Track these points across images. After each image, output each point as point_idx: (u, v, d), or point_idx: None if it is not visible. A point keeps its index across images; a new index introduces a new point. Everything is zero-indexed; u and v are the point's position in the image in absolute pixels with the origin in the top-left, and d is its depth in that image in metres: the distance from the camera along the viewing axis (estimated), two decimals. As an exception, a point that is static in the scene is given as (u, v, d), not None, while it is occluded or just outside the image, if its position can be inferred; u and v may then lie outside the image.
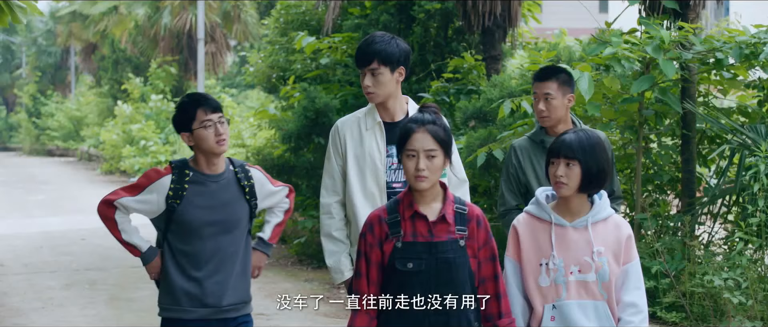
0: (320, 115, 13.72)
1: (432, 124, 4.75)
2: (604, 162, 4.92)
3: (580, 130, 5.00)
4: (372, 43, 5.86)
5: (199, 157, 5.69)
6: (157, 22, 32.67)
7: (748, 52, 8.48)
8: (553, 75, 6.38)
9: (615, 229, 4.96)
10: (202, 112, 5.60)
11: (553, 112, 6.30)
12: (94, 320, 10.81)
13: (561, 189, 4.91)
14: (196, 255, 5.63)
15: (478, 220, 4.89)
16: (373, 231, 4.83)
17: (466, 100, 11.72)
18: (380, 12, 14.20)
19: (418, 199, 4.80)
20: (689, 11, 9.27)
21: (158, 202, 5.62)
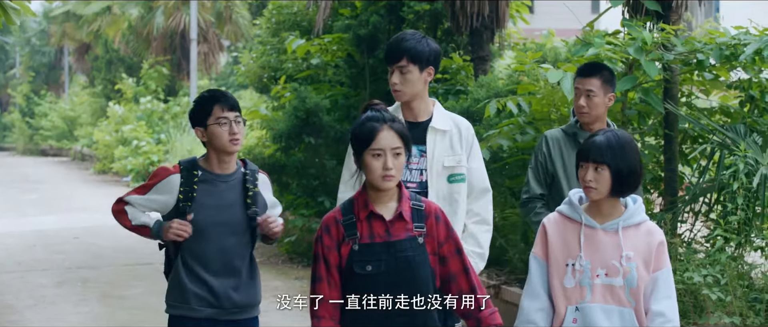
0: (310, 115, 13.88)
1: (393, 122, 4.70)
2: (636, 163, 4.83)
3: (609, 131, 4.88)
4: (402, 41, 5.83)
5: (211, 155, 5.69)
6: (150, 22, 32.79)
7: (728, 53, 8.63)
8: (596, 72, 6.30)
9: (646, 235, 4.86)
10: (219, 108, 5.60)
11: (593, 109, 6.25)
12: (86, 318, 10.95)
13: (591, 193, 4.84)
14: (204, 255, 5.61)
15: (437, 216, 4.79)
16: (329, 233, 4.71)
17: (454, 100, 11.88)
18: (370, 13, 14.34)
19: (374, 199, 4.70)
20: (671, 13, 9.40)
21: (167, 202, 5.64)
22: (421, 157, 5.94)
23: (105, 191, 26.14)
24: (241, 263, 5.66)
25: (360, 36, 14.28)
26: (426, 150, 5.93)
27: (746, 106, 9.52)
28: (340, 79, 15.00)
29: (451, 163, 5.97)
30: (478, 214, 6.14)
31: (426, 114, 5.94)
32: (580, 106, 6.28)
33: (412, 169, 5.91)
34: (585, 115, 6.33)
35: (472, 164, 6.08)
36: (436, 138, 5.95)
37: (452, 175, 5.99)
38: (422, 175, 5.95)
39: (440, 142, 5.96)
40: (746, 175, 8.43)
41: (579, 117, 6.33)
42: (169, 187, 5.63)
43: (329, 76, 15.24)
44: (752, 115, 9.25)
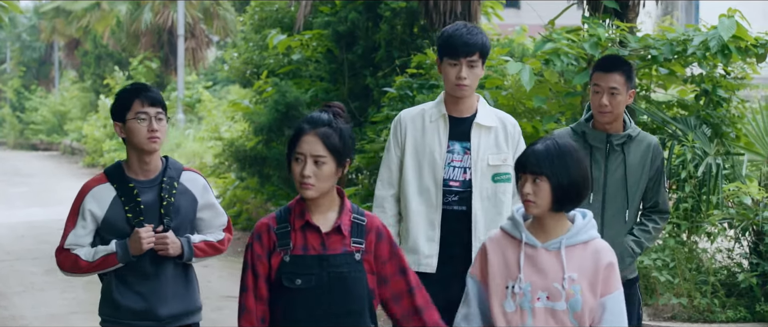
0: (290, 108, 14.35)
1: (326, 127, 4.34)
2: (578, 175, 4.40)
3: (549, 139, 4.49)
4: (472, 34, 5.58)
5: (131, 156, 5.29)
6: (139, 18, 33.15)
7: (679, 49, 9.11)
8: (618, 66, 5.82)
9: (594, 255, 4.42)
10: (139, 103, 5.21)
11: (616, 107, 5.75)
12: (72, 303, 11.40)
13: (529, 208, 4.41)
14: (135, 266, 5.19)
15: (379, 232, 4.47)
16: (261, 241, 4.38)
17: (427, 94, 12.32)
18: (349, 10, 14.80)
19: (310, 208, 4.36)
20: (628, 11, 9.89)
21: (97, 214, 5.21)
22: (464, 155, 5.69)
23: (94, 184, 26.52)
24: (171, 272, 5.29)
25: (339, 32, 14.76)
26: (470, 147, 5.68)
27: (701, 99, 9.98)
28: (321, 74, 15.46)
29: (496, 162, 5.70)
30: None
31: (471, 109, 5.69)
32: (602, 104, 5.73)
33: (455, 167, 5.67)
34: (607, 115, 5.77)
35: (511, 162, 5.70)
36: (481, 135, 5.68)
37: (497, 174, 5.72)
38: (466, 173, 5.68)
39: (485, 139, 5.69)
40: (695, 165, 8.91)
41: (599, 117, 5.79)
42: (98, 199, 5.22)
43: (310, 71, 15.70)
44: (707, 107, 9.71)
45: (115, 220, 5.19)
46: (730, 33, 8.44)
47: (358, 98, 14.88)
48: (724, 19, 8.61)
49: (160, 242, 5.19)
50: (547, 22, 10.29)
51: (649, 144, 5.86)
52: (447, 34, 5.63)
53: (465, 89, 5.57)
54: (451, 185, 5.62)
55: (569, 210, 4.47)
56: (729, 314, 8.66)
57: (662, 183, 5.95)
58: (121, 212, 5.18)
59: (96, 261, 5.16)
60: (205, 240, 5.39)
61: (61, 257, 5.28)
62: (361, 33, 14.73)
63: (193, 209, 5.37)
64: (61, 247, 5.28)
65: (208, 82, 34.03)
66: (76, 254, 5.19)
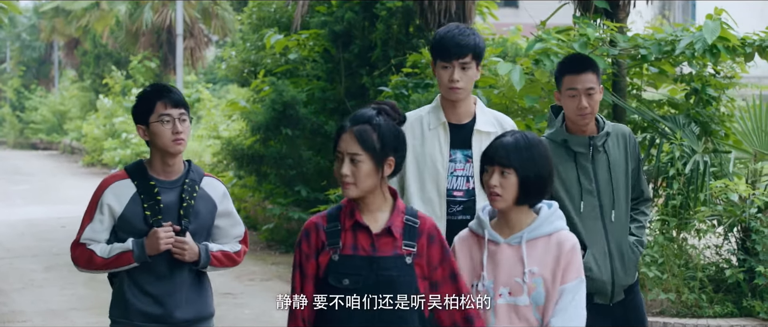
0: (287, 107, 14.52)
1: (364, 124, 4.23)
2: (544, 168, 4.37)
3: (517, 132, 4.45)
4: (464, 35, 5.42)
5: (155, 157, 5.21)
6: (139, 18, 33.24)
7: (667, 48, 9.26)
8: (590, 65, 5.61)
9: (557, 247, 4.36)
10: (162, 105, 5.12)
11: (594, 108, 5.54)
12: (72, 299, 11.55)
13: (495, 201, 4.36)
14: (148, 268, 5.10)
15: (430, 235, 4.30)
16: (309, 239, 4.28)
17: (422, 93, 12.48)
18: (345, 9, 14.97)
19: (361, 208, 4.25)
20: (619, 11, 10.04)
21: (115, 209, 5.11)
22: (467, 163, 5.50)
23: (93, 183, 26.23)
24: (186, 276, 5.19)
25: (335, 32, 14.94)
26: (472, 155, 5.48)
27: (691, 98, 10.13)
28: (318, 73, 15.63)
29: None
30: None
31: (469, 114, 5.51)
32: (582, 107, 5.48)
33: (458, 176, 5.49)
34: (588, 117, 5.54)
35: None
36: (482, 141, 5.36)
37: None
38: (469, 182, 5.49)
39: (486, 145, 5.14)
40: (683, 162, 9.07)
41: (579, 120, 5.54)
42: (116, 193, 5.13)
43: (307, 70, 15.85)
44: (696, 106, 9.87)
45: (132, 217, 5.09)
46: (714, 35, 8.59)
47: (354, 97, 15.05)
48: (709, 22, 8.76)
49: (177, 246, 5.09)
50: (539, 22, 10.43)
51: (623, 134, 5.70)
52: (439, 36, 5.50)
53: (458, 92, 5.39)
54: (454, 195, 5.46)
55: (534, 204, 4.42)
56: (716, 309, 8.81)
57: (641, 170, 5.84)
58: (139, 210, 5.10)
59: (111, 258, 5.05)
60: (223, 250, 5.28)
61: (76, 252, 5.17)
62: (357, 32, 14.90)
63: (211, 215, 5.27)
64: (76, 241, 5.17)
65: (208, 83, 34.21)
66: (92, 250, 5.08)
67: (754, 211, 8.88)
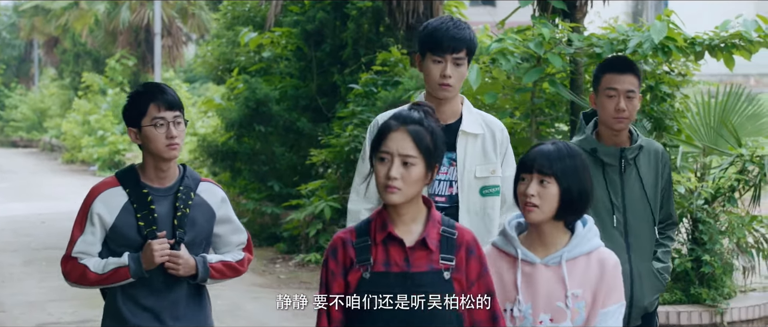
0: (260, 104, 14.92)
1: (416, 125, 3.88)
2: (586, 182, 4.02)
3: (559, 142, 4.08)
4: (460, 28, 5.02)
5: (147, 163, 4.87)
6: (116, 17, 33.51)
7: (620, 47, 9.62)
8: (632, 67, 5.34)
9: (598, 266, 4.00)
10: (155, 107, 4.77)
11: (632, 113, 5.24)
12: (49, 292, 11.87)
13: (532, 213, 3.98)
14: (144, 280, 4.79)
15: (469, 248, 3.92)
16: (336, 257, 3.93)
17: (388, 91, 12.85)
18: (317, 9, 15.36)
19: (393, 219, 3.89)
20: (576, 11, 10.41)
21: (106, 219, 4.79)
22: (450, 167, 5.12)
23: (73, 180, 27.11)
24: (185, 289, 4.88)
25: (308, 31, 15.34)
26: (455, 158, 5.12)
27: (647, 94, 10.50)
28: (291, 71, 16.00)
29: (483, 174, 5.15)
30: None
31: (455, 115, 5.12)
32: (619, 109, 5.19)
33: (441, 181, 5.10)
34: (624, 121, 5.25)
35: (506, 172, 5.18)
36: (467, 144, 5.13)
37: (485, 187, 5.17)
38: (452, 187, 5.13)
39: (472, 148, 5.14)
40: (634, 156, 9.43)
41: (615, 124, 5.25)
42: (107, 202, 4.81)
43: (281, 68, 16.23)
44: (651, 103, 10.23)
45: (124, 228, 4.78)
46: (661, 35, 8.93)
47: (326, 94, 15.44)
48: (657, 22, 9.11)
49: (171, 260, 4.76)
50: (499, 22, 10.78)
51: (656, 151, 5.46)
52: (431, 27, 5.05)
53: (449, 90, 4.99)
54: (437, 201, 4.99)
55: (572, 221, 4.07)
56: (666, 297, 9.17)
57: (671, 192, 5.53)
58: (131, 220, 4.78)
59: (106, 273, 4.74)
60: (223, 260, 4.92)
61: (67, 267, 4.81)
62: (328, 31, 15.30)
63: (210, 223, 4.92)
64: (67, 255, 4.81)
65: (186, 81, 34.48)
66: (85, 264, 4.75)
67: (701, 203, 9.25)
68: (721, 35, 9.42)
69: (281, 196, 15.04)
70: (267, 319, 10.31)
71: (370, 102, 13.08)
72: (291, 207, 14.08)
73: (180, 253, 4.78)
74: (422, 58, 5.08)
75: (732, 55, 9.45)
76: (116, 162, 29.48)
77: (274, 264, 13.49)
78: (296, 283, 12.29)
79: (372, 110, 12.62)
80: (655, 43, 8.94)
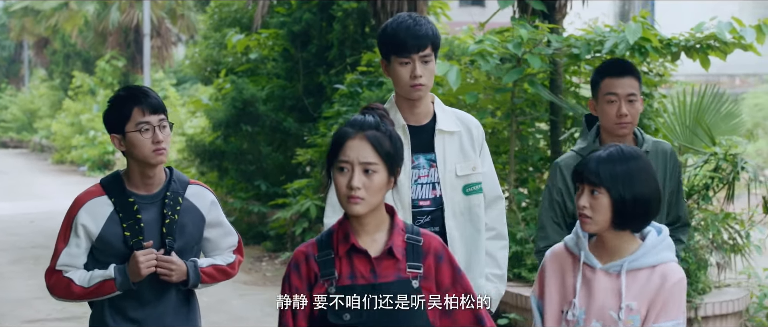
0: (247, 105, 15.09)
1: (374, 130, 3.71)
2: (645, 188, 3.85)
3: (614, 146, 3.92)
4: (420, 24, 4.83)
5: (132, 169, 4.70)
6: (106, 17, 33.65)
7: (597, 48, 9.79)
8: (631, 70, 5.17)
9: (660, 280, 3.85)
10: (139, 111, 4.60)
11: (635, 117, 5.09)
12: (36, 289, 11.96)
13: (586, 224, 3.88)
14: (131, 291, 4.66)
15: (438, 254, 3.78)
16: (299, 271, 3.77)
17: (374, 91, 13.01)
18: (304, 10, 15.53)
19: (356, 229, 3.74)
20: (555, 12, 10.59)
21: (92, 230, 4.63)
22: (430, 168, 4.97)
23: (62, 180, 27.25)
24: (173, 298, 4.76)
25: (294, 32, 15.52)
26: (435, 159, 4.97)
27: (625, 94, 10.66)
28: (278, 72, 16.18)
29: (464, 171, 5.01)
30: (493, 228, 5.14)
31: (428, 115, 4.98)
32: (621, 115, 5.04)
33: (423, 184, 4.93)
34: (628, 126, 5.09)
35: (483, 168, 5.10)
36: (445, 143, 5.00)
37: (468, 184, 5.02)
38: (435, 189, 4.97)
39: (450, 146, 5.01)
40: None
41: (617, 129, 5.09)
42: (92, 212, 4.65)
43: (268, 69, 16.40)
44: (629, 102, 10.42)
45: (111, 238, 4.63)
46: (635, 36, 9.10)
47: (312, 95, 15.60)
48: (632, 23, 9.29)
49: (164, 266, 4.62)
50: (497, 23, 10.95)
51: (664, 152, 5.30)
52: (391, 29, 4.86)
53: (422, 89, 4.83)
54: (420, 205, 4.90)
55: (637, 229, 3.92)
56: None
57: (682, 193, 5.39)
58: (118, 230, 4.63)
59: (91, 287, 4.60)
60: (214, 264, 4.80)
61: (52, 280, 4.69)
62: (315, 33, 15.47)
63: (199, 228, 4.79)
64: (51, 267, 4.69)
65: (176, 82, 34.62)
66: (69, 278, 4.62)
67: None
68: (696, 36, 9.59)
69: (268, 195, 15.22)
70: (250, 315, 10.46)
71: (354, 102, 13.24)
72: (277, 206, 14.26)
73: (173, 258, 4.64)
74: (388, 62, 4.90)
75: (707, 55, 9.61)
76: (106, 162, 29.61)
77: (260, 262, 13.67)
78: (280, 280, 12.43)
79: (356, 110, 12.77)
80: (631, 44, 9.11)
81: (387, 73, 4.92)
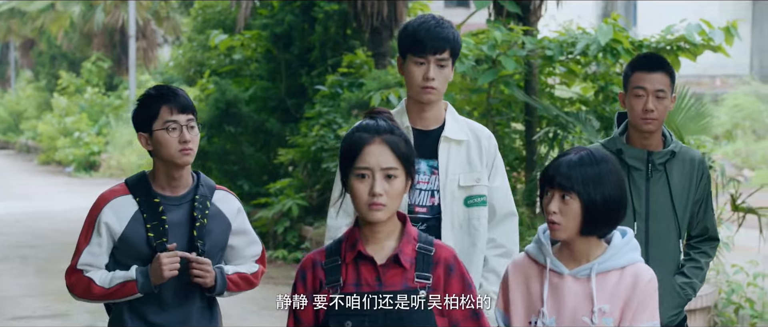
0: (230, 105, 15.33)
1: (390, 134, 3.58)
2: (615, 191, 3.72)
3: (583, 149, 3.80)
4: (443, 27, 4.67)
5: (158, 169, 4.59)
6: (91, 19, 33.86)
7: (570, 50, 10.04)
8: (663, 65, 5.02)
9: (632, 281, 3.72)
10: (167, 110, 4.50)
11: (662, 114, 4.93)
12: (23, 288, 12.22)
13: (555, 231, 3.71)
14: (152, 295, 4.53)
15: (448, 265, 3.62)
16: (305, 280, 3.67)
17: (352, 92, 13.25)
18: (286, 12, 15.77)
19: (367, 236, 3.62)
20: (530, 15, 10.84)
21: (115, 229, 4.54)
22: (431, 175, 4.80)
23: (48, 180, 27.42)
24: (197, 304, 4.62)
25: (276, 34, 15.77)
26: (437, 166, 4.79)
27: (600, 95, 10.92)
28: (260, 73, 16.43)
29: (468, 182, 4.81)
30: (502, 245, 4.91)
31: (437, 121, 4.79)
32: (647, 110, 4.91)
33: (422, 190, 4.78)
34: (652, 123, 4.95)
35: (494, 182, 4.88)
36: (451, 151, 4.80)
37: (470, 196, 4.83)
38: (434, 197, 4.80)
39: (455, 155, 4.81)
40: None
41: (643, 125, 4.96)
42: (116, 210, 4.56)
43: (251, 70, 16.65)
44: (603, 103, 10.64)
45: (134, 238, 4.53)
46: (607, 38, 9.35)
47: (294, 96, 15.86)
48: (603, 25, 9.54)
49: (200, 268, 4.49)
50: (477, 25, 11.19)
51: (692, 159, 5.11)
52: (412, 27, 4.71)
53: (433, 93, 4.65)
54: (416, 212, 4.74)
55: (603, 234, 3.79)
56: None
57: (710, 205, 5.18)
58: (141, 230, 4.52)
59: (112, 288, 4.50)
60: (239, 272, 4.66)
61: (72, 279, 4.57)
62: (297, 34, 15.73)
63: (225, 234, 4.68)
64: (73, 266, 4.57)
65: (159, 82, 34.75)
66: (90, 277, 4.52)
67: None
68: (666, 38, 9.85)
69: (250, 194, 15.45)
70: (233, 314, 10.65)
71: (335, 103, 13.50)
72: (260, 205, 14.49)
73: (208, 260, 4.51)
74: (403, 60, 4.73)
75: (678, 57, 9.86)
76: (91, 163, 29.78)
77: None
78: (264, 278, 12.53)
79: (337, 111, 13.03)
80: (602, 45, 9.35)
81: (401, 71, 4.77)
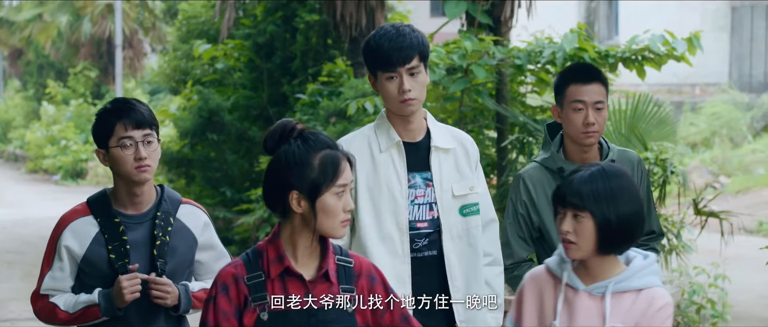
0: (213, 114, 15.64)
1: (337, 149, 3.58)
2: (629, 209, 3.65)
3: (596, 165, 3.71)
4: (403, 35, 4.48)
5: (119, 187, 4.45)
6: (78, 29, 34.11)
7: (537, 59, 10.35)
8: (598, 75, 4.86)
9: (646, 303, 3.68)
10: (122, 126, 4.36)
11: (602, 126, 4.79)
12: (9, 292, 12.48)
13: (570, 250, 3.68)
14: (119, 318, 4.41)
15: (370, 276, 3.63)
16: (228, 294, 3.51)
17: (331, 100, 13.56)
18: (268, 22, 16.10)
19: (291, 251, 3.55)
20: (501, 25, 11.17)
21: (76, 251, 4.42)
22: (427, 188, 4.65)
23: (35, 188, 27.65)
24: (160, 322, 4.48)
25: (259, 43, 16.09)
26: (432, 178, 4.65)
27: (567, 102, 11.22)
28: (243, 82, 16.76)
29: (461, 191, 4.68)
30: (489, 253, 4.79)
31: (422, 130, 4.65)
32: (588, 123, 4.74)
33: (420, 205, 4.63)
34: (594, 136, 4.78)
35: (478, 189, 4.77)
36: (441, 160, 4.66)
37: (465, 205, 4.69)
38: (433, 210, 4.66)
39: (446, 165, 4.67)
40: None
41: (584, 139, 4.79)
42: (77, 232, 4.44)
43: (234, 79, 16.97)
44: (570, 110, 10.97)
45: (96, 260, 4.41)
46: (571, 46, 9.66)
47: (276, 104, 16.18)
48: (569, 34, 9.86)
49: (159, 290, 4.36)
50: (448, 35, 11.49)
51: (631, 161, 4.98)
52: (374, 42, 4.54)
53: (413, 103, 4.49)
54: (418, 227, 4.61)
55: (621, 251, 3.75)
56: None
57: (652, 203, 5.11)
58: (103, 252, 4.41)
59: (76, 312, 4.38)
60: (205, 288, 4.46)
61: (38, 304, 4.48)
62: (279, 44, 16.04)
63: (191, 250, 4.54)
64: (36, 292, 4.48)
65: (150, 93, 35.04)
66: (54, 303, 4.41)
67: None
68: (631, 48, 10.17)
69: (233, 201, 15.75)
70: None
71: (315, 111, 13.79)
72: (242, 211, 14.81)
73: (167, 280, 4.38)
74: (375, 78, 4.58)
75: (643, 66, 10.19)
76: (79, 171, 30.01)
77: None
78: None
79: (316, 119, 13.32)
80: (567, 54, 9.67)
81: (376, 89, 4.61)
